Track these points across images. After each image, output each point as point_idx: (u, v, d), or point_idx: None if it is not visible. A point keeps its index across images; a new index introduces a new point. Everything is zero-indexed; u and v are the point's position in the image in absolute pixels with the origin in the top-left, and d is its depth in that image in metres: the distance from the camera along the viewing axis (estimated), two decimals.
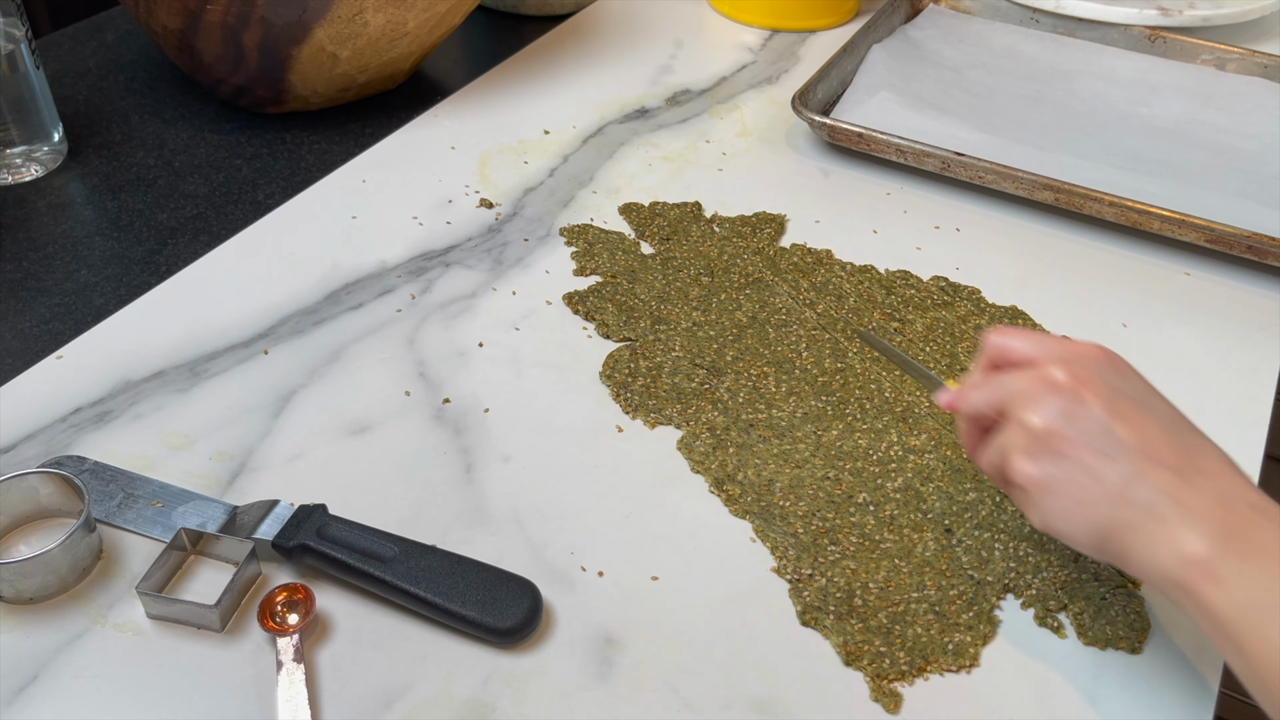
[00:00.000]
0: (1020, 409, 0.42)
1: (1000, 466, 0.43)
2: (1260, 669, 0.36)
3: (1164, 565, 0.39)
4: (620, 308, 0.63)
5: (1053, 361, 0.42)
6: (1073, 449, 0.40)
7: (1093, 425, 0.40)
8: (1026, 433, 0.41)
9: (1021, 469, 0.41)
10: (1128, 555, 0.40)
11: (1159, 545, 0.39)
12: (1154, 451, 0.40)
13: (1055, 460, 0.41)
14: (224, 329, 0.60)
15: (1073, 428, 0.40)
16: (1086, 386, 0.41)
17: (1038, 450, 0.41)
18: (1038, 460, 0.41)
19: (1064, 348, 0.43)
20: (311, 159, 0.77)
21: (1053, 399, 0.41)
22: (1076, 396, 0.41)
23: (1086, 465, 0.40)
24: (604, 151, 0.79)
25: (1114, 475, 0.40)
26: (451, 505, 0.51)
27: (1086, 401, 0.41)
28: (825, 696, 0.44)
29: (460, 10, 0.79)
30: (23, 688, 0.43)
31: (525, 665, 0.45)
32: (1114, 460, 0.40)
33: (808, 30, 0.99)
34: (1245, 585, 0.37)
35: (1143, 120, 0.85)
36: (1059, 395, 0.41)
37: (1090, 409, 0.41)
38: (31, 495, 0.48)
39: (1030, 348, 0.44)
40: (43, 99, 0.71)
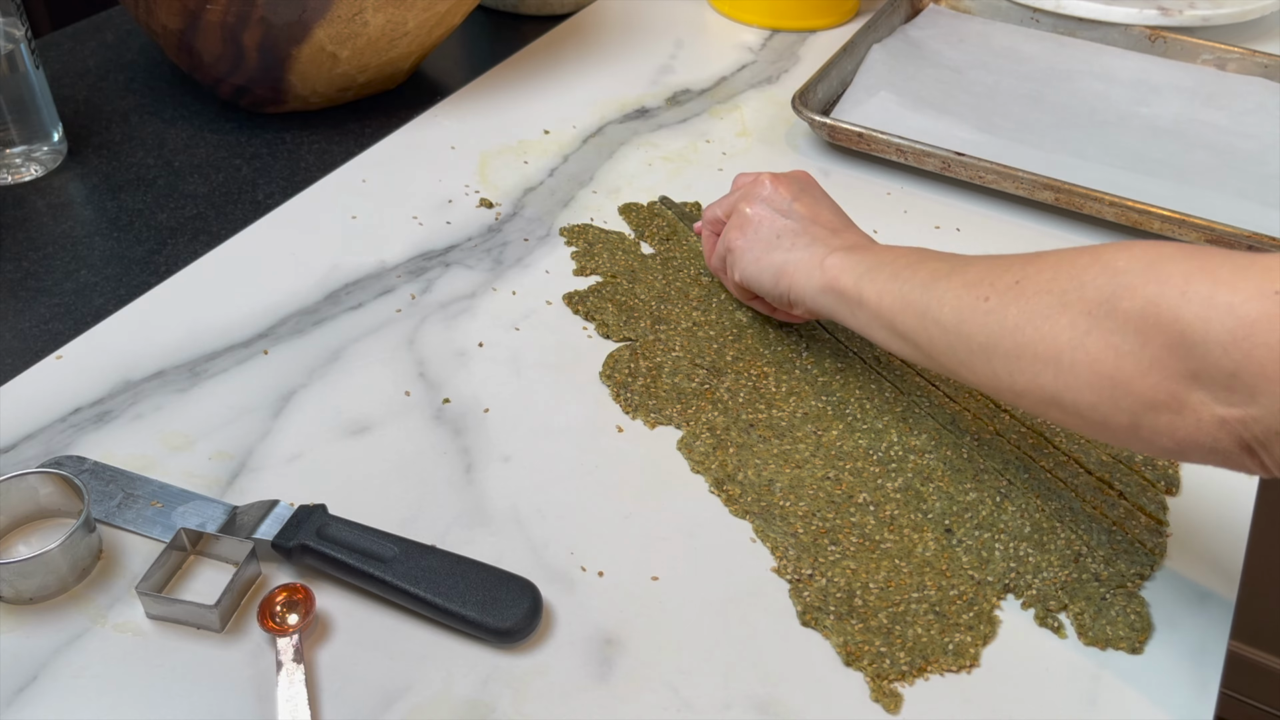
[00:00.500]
0: (739, 203, 0.59)
1: (722, 253, 0.60)
2: (872, 304, 0.50)
3: (814, 281, 0.53)
4: (620, 308, 0.63)
5: (763, 174, 0.59)
6: (765, 221, 0.57)
7: (782, 204, 0.58)
8: (740, 216, 0.59)
9: (733, 240, 0.58)
10: (792, 284, 0.54)
11: (811, 269, 0.54)
12: (818, 219, 0.57)
13: (755, 229, 0.57)
14: (224, 329, 0.60)
15: (768, 206, 0.58)
16: (781, 184, 0.59)
17: (745, 225, 0.58)
18: (744, 231, 0.58)
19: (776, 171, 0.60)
20: (311, 159, 0.77)
21: (760, 191, 0.58)
22: (774, 189, 0.58)
23: (774, 228, 0.57)
24: (604, 151, 0.79)
25: (789, 233, 0.56)
26: (451, 505, 0.51)
27: (780, 191, 0.58)
28: (825, 696, 0.44)
29: (460, 10, 0.79)
30: (22, 688, 0.43)
31: (525, 665, 0.45)
32: (791, 223, 0.57)
33: (808, 30, 0.99)
34: (862, 265, 0.51)
35: (1143, 120, 0.85)
36: (764, 188, 0.58)
37: (782, 194, 0.58)
38: (31, 495, 0.48)
39: (754, 173, 0.61)
40: (42, 99, 0.71)
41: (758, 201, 0.58)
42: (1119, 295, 0.39)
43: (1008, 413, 0.58)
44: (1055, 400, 0.42)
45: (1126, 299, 0.39)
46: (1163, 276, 0.38)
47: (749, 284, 0.58)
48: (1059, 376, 0.41)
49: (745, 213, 0.58)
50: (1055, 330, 0.41)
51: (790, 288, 0.55)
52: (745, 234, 0.58)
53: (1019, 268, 0.44)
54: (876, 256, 0.52)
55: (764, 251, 0.56)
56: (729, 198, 0.61)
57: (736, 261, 0.58)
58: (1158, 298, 0.38)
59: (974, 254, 0.49)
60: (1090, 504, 0.53)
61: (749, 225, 0.58)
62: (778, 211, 0.57)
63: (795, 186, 0.58)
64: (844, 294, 0.51)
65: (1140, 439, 0.40)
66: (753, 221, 0.58)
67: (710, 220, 0.62)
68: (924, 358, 0.48)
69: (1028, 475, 0.54)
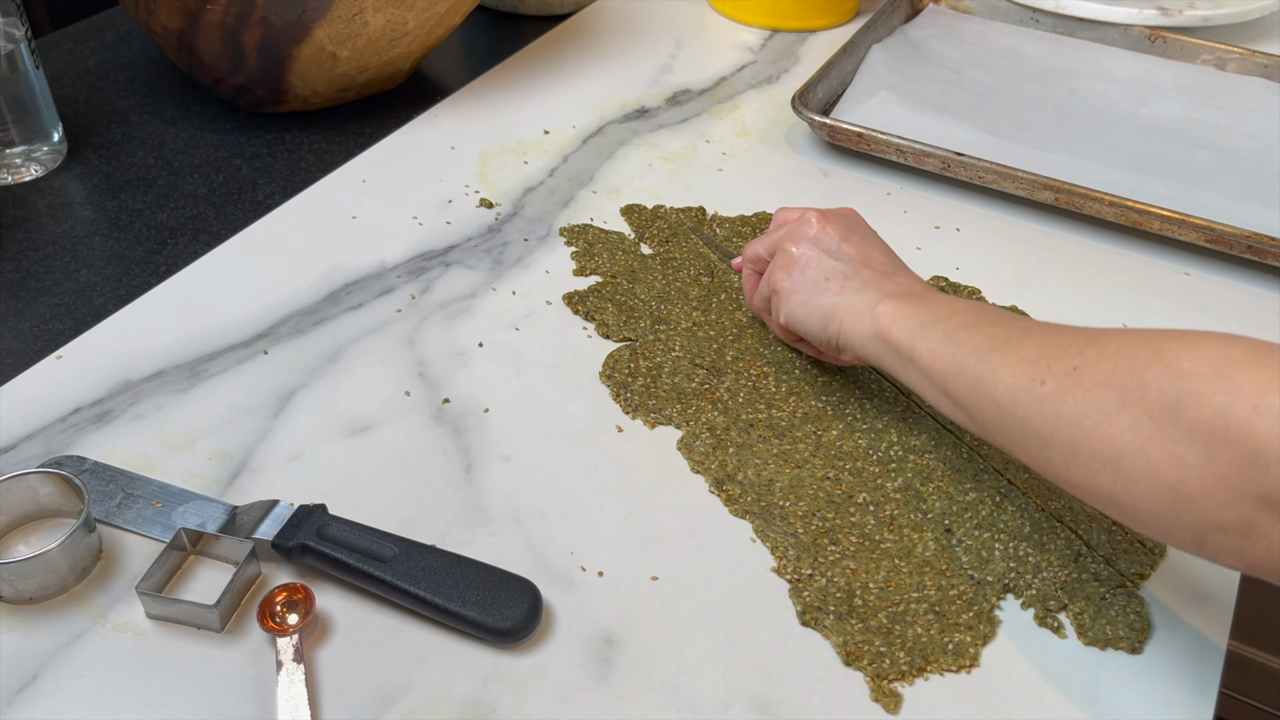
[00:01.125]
0: (783, 241, 0.56)
1: (766, 293, 0.57)
2: (925, 364, 0.48)
3: (865, 328, 0.51)
4: (620, 308, 0.63)
5: (810, 211, 0.56)
6: (813, 262, 0.54)
7: (829, 244, 0.55)
8: (785, 255, 0.56)
9: (778, 280, 0.55)
10: (841, 330, 0.52)
11: (862, 315, 0.51)
12: (869, 261, 0.54)
13: (801, 270, 0.55)
14: (224, 329, 0.60)
15: (815, 247, 0.55)
16: (829, 222, 0.55)
17: (790, 265, 0.55)
18: (790, 272, 0.55)
19: (822, 208, 0.57)
20: (311, 159, 0.77)
21: (806, 230, 0.55)
22: (821, 228, 0.55)
23: (821, 270, 0.54)
24: (604, 151, 0.79)
25: (838, 275, 0.54)
26: (451, 505, 0.51)
27: (827, 230, 0.55)
28: (825, 696, 0.44)
29: (460, 10, 0.79)
30: (22, 688, 0.43)
31: (525, 665, 0.45)
32: (840, 265, 0.54)
33: (808, 30, 0.99)
34: (915, 318, 0.49)
35: (1143, 120, 0.85)
36: (810, 227, 0.55)
37: (829, 234, 0.55)
38: (31, 495, 0.48)
39: (799, 209, 0.58)
40: (42, 99, 0.71)
41: (804, 241, 0.55)
42: (1184, 402, 0.37)
43: None
44: (1113, 501, 0.40)
45: (1193, 407, 0.36)
46: (1233, 385, 0.35)
47: (795, 327, 0.55)
48: (1117, 480, 0.39)
49: (791, 252, 0.55)
50: (1115, 430, 0.39)
51: (839, 333, 0.52)
52: (791, 274, 0.55)
53: (1077, 351, 0.42)
54: (930, 308, 0.49)
55: (812, 294, 0.54)
56: (772, 235, 0.58)
57: (782, 303, 0.55)
58: (1226, 409, 0.35)
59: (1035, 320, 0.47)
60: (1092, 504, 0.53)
61: (795, 265, 0.55)
62: (825, 252, 0.54)
63: (843, 225, 0.55)
64: (895, 346, 0.49)
65: (1205, 554, 0.38)
66: (799, 262, 0.55)
67: (752, 258, 0.59)
68: (977, 428, 0.46)
69: (1028, 475, 0.54)
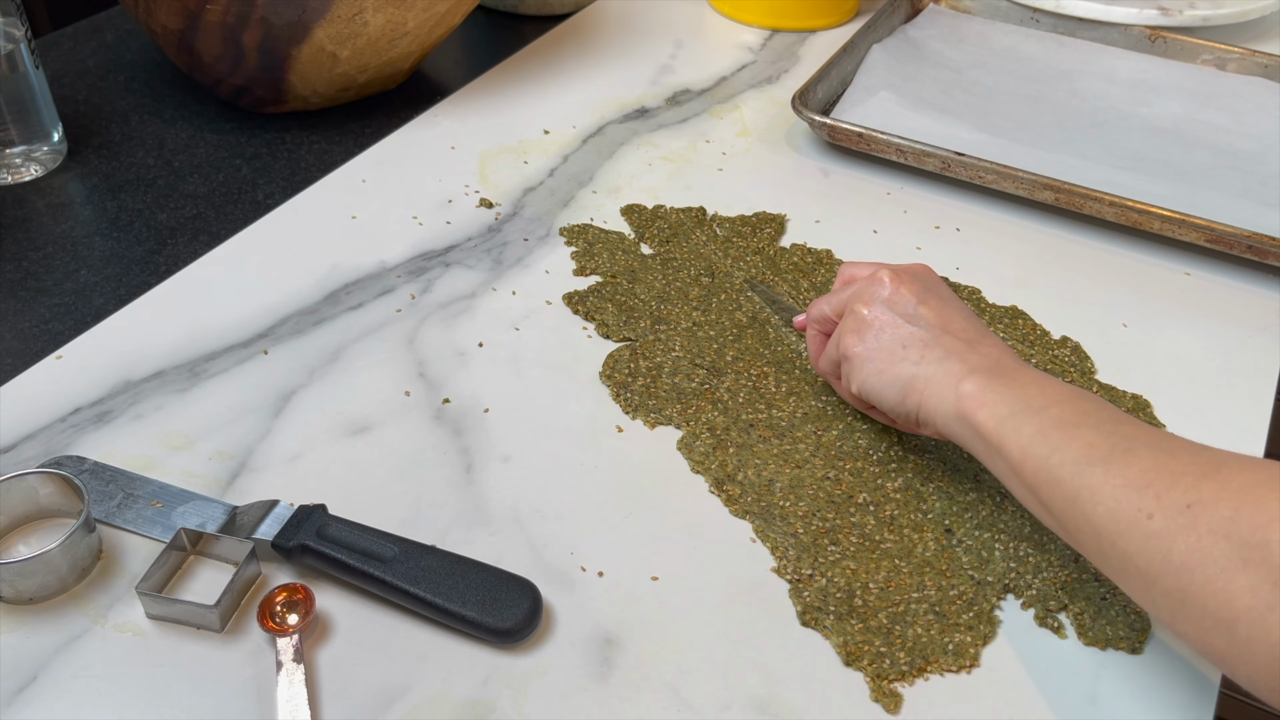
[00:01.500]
0: (853, 303, 0.52)
1: (835, 357, 0.54)
2: (1014, 460, 0.44)
3: (948, 405, 0.47)
4: (620, 308, 0.63)
5: (881, 270, 0.52)
6: (888, 326, 0.51)
7: (904, 307, 0.51)
8: (856, 318, 0.52)
9: (850, 345, 0.52)
10: (921, 403, 0.48)
11: (945, 389, 0.47)
12: (949, 327, 0.50)
13: (875, 335, 0.51)
14: (224, 329, 0.60)
15: (889, 310, 0.51)
16: (903, 283, 0.52)
17: (863, 329, 0.51)
18: (863, 336, 0.51)
19: (893, 264, 0.54)
20: (311, 159, 0.77)
21: (878, 291, 0.52)
22: (895, 289, 0.51)
23: (897, 335, 0.50)
24: (604, 151, 0.79)
25: (916, 342, 0.50)
26: (451, 505, 0.51)
27: (902, 292, 0.51)
28: (825, 696, 0.44)
29: (460, 10, 0.79)
30: (22, 688, 0.43)
31: (525, 665, 0.45)
32: (918, 331, 0.50)
33: (808, 30, 0.99)
34: (1004, 402, 0.45)
35: (1143, 120, 0.85)
36: (882, 288, 0.52)
37: (904, 296, 0.51)
38: (31, 495, 0.48)
39: (868, 266, 0.54)
40: (42, 99, 0.71)
41: (876, 303, 0.51)
42: None
43: None
44: (1227, 664, 0.37)
45: None
46: None
47: (870, 398, 0.51)
48: (1233, 645, 0.36)
49: (862, 315, 0.51)
50: (1232, 591, 0.35)
51: (920, 407, 0.48)
52: (864, 340, 0.51)
53: (1192, 483, 0.38)
54: (1022, 392, 0.45)
55: (888, 363, 0.50)
56: (840, 294, 0.54)
57: (855, 371, 0.51)
58: None
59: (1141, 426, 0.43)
60: None
61: (868, 330, 0.51)
62: (901, 316, 0.50)
63: (919, 286, 0.52)
64: (982, 433, 0.45)
65: None
66: (873, 326, 0.51)
67: (817, 318, 0.55)
68: (1073, 544, 0.43)
69: None
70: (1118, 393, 0.60)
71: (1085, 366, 0.62)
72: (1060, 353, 0.62)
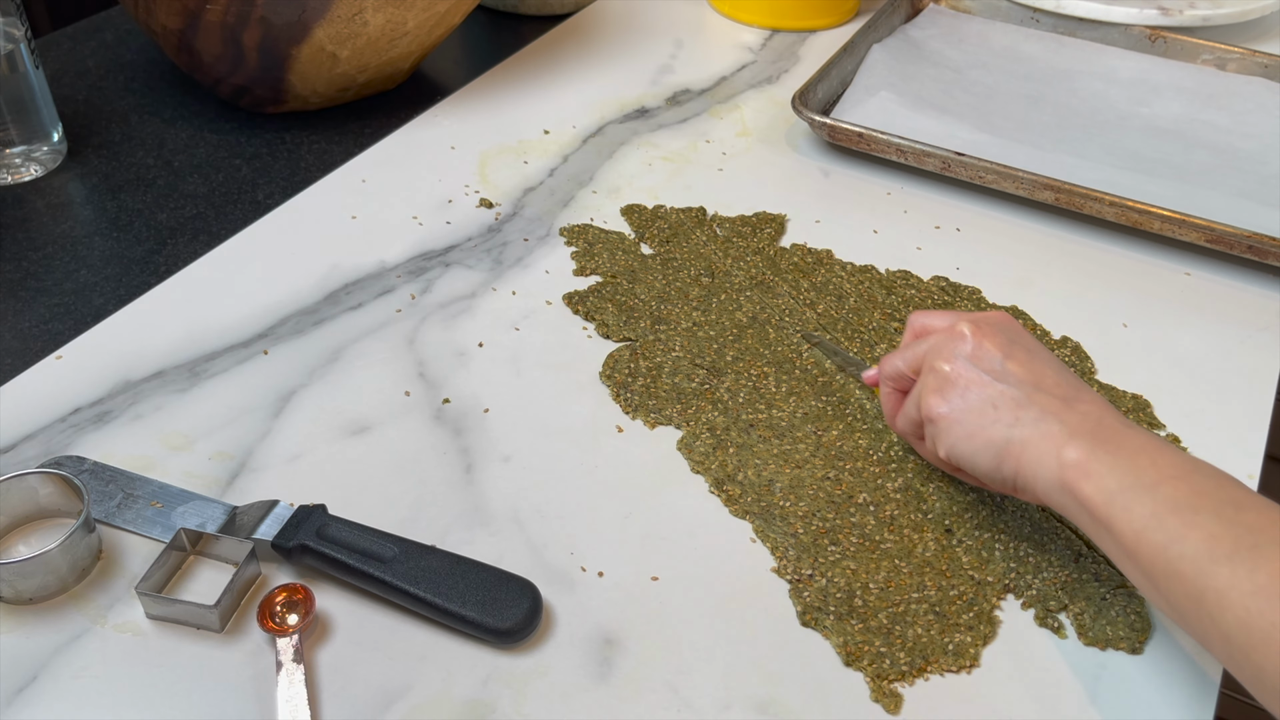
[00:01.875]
0: (933, 359, 0.49)
1: (915, 416, 0.50)
2: (1128, 543, 0.41)
3: (1049, 472, 0.44)
4: (620, 308, 0.63)
5: (960, 321, 0.49)
6: (974, 384, 0.47)
7: (991, 364, 0.47)
8: (938, 376, 0.48)
9: (933, 406, 0.48)
10: (1019, 469, 0.45)
11: (1045, 455, 0.44)
12: (1042, 383, 0.46)
13: (961, 394, 0.47)
14: (224, 329, 0.60)
15: (975, 368, 0.47)
16: (986, 336, 0.48)
17: (946, 388, 0.48)
18: (947, 396, 0.48)
19: (970, 314, 0.50)
20: (311, 159, 0.77)
21: (960, 346, 0.48)
22: (978, 343, 0.48)
23: (985, 395, 0.47)
24: (604, 151, 0.79)
25: (1008, 401, 0.46)
26: (451, 505, 0.51)
27: (986, 346, 0.48)
28: (825, 696, 0.44)
29: (460, 10, 0.79)
30: (22, 688, 0.43)
31: (525, 665, 0.45)
32: (1008, 389, 0.46)
33: (808, 30, 0.99)
34: (1113, 475, 0.42)
35: (1143, 120, 0.85)
36: (964, 343, 0.48)
37: (989, 351, 0.48)
38: (31, 495, 0.48)
39: (945, 318, 0.51)
40: (42, 99, 0.71)
41: (959, 359, 0.48)
42: None
43: None
44: None
45: None
46: None
47: (961, 464, 0.48)
48: None
49: (945, 372, 0.48)
50: None
51: (1017, 473, 0.45)
52: (949, 400, 0.47)
53: None
54: (1130, 462, 0.42)
55: (979, 425, 0.46)
56: (915, 349, 0.50)
57: (942, 435, 0.48)
58: None
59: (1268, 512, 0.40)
60: None
61: (952, 389, 0.47)
62: (988, 373, 0.47)
63: (1003, 338, 0.48)
64: (1089, 507, 0.42)
65: None
66: (957, 385, 0.47)
67: (892, 375, 0.52)
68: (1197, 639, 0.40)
69: None
70: (1118, 393, 0.60)
71: (1085, 366, 0.61)
72: (1060, 353, 0.62)
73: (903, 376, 0.51)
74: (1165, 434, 0.58)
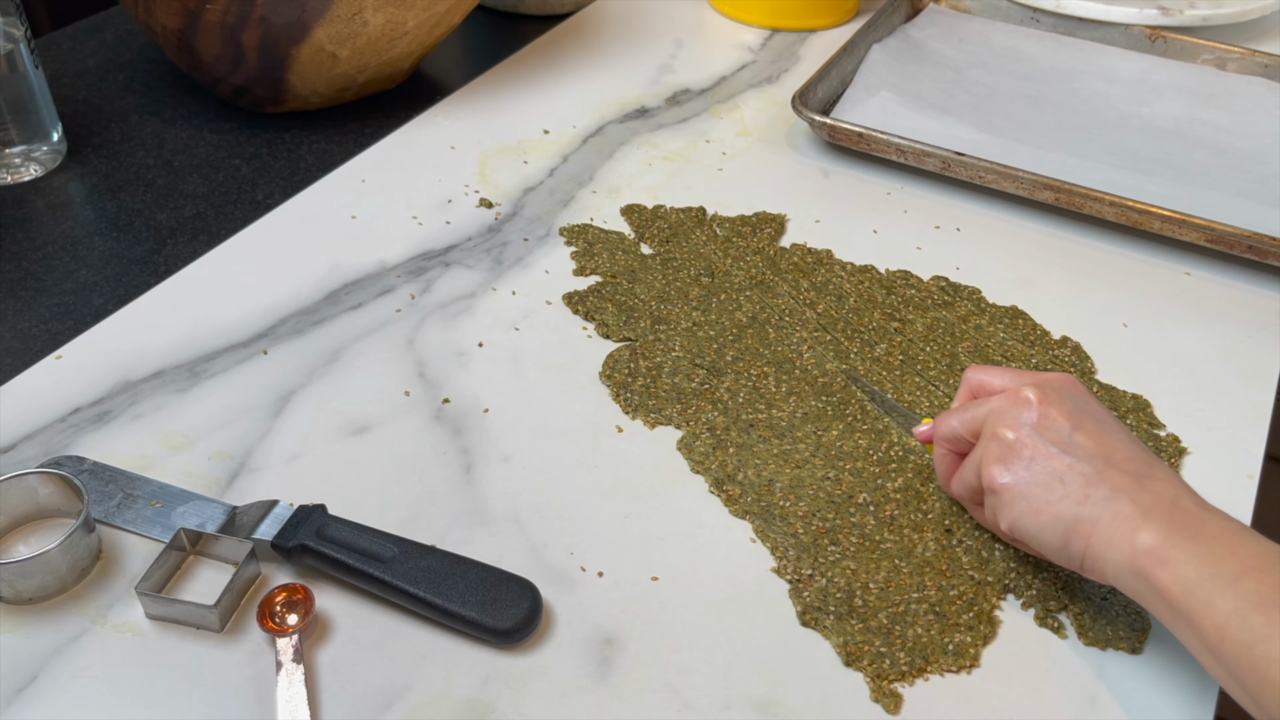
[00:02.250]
0: (995, 425, 0.46)
1: (973, 483, 0.48)
2: (1209, 639, 0.39)
3: (1122, 556, 0.41)
4: (620, 308, 0.63)
5: (1024, 385, 0.47)
6: (1040, 456, 0.45)
7: (1058, 435, 0.45)
8: (1001, 444, 0.46)
9: (996, 476, 0.45)
10: (1088, 550, 0.43)
11: (1117, 537, 0.42)
12: (1112, 458, 0.44)
13: (1027, 466, 0.45)
14: (223, 329, 0.60)
15: (1041, 438, 0.45)
16: (1053, 404, 0.45)
17: (1010, 458, 0.45)
18: (1010, 466, 0.45)
19: (1034, 376, 0.48)
20: (311, 159, 0.77)
21: (1024, 413, 0.46)
22: (1044, 411, 0.45)
23: (1052, 468, 0.44)
24: (604, 151, 0.79)
25: (1076, 476, 0.44)
26: (451, 505, 0.51)
27: (1052, 415, 0.45)
28: (825, 696, 0.44)
29: (460, 10, 0.79)
30: (22, 688, 0.43)
31: (525, 665, 0.45)
32: (1077, 463, 0.44)
33: (808, 30, 0.99)
34: (1191, 564, 0.40)
35: (1143, 120, 0.85)
36: (1029, 410, 0.46)
37: (1056, 421, 0.45)
38: (31, 495, 0.48)
39: (1006, 378, 0.48)
40: (42, 99, 0.71)
41: (1024, 428, 0.45)
42: None
43: None
44: None
45: None
46: None
47: (1025, 540, 0.45)
48: None
49: (1008, 440, 0.45)
50: None
51: (1085, 553, 0.43)
52: (1013, 470, 0.45)
53: None
54: (1209, 549, 0.40)
55: (1045, 500, 0.44)
56: (974, 411, 0.48)
57: (1004, 507, 0.45)
58: None
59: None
60: None
61: (1016, 459, 0.45)
62: (1055, 444, 0.44)
63: (1070, 406, 0.45)
64: (1166, 596, 0.40)
65: None
66: (1021, 455, 0.45)
67: (948, 437, 0.49)
68: None
69: None
70: (1118, 393, 0.60)
71: (1085, 366, 0.61)
72: (1060, 353, 0.62)
73: (960, 439, 0.49)
74: (1165, 434, 0.58)
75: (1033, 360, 0.61)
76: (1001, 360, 0.61)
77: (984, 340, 0.62)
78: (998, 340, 0.63)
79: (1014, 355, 0.62)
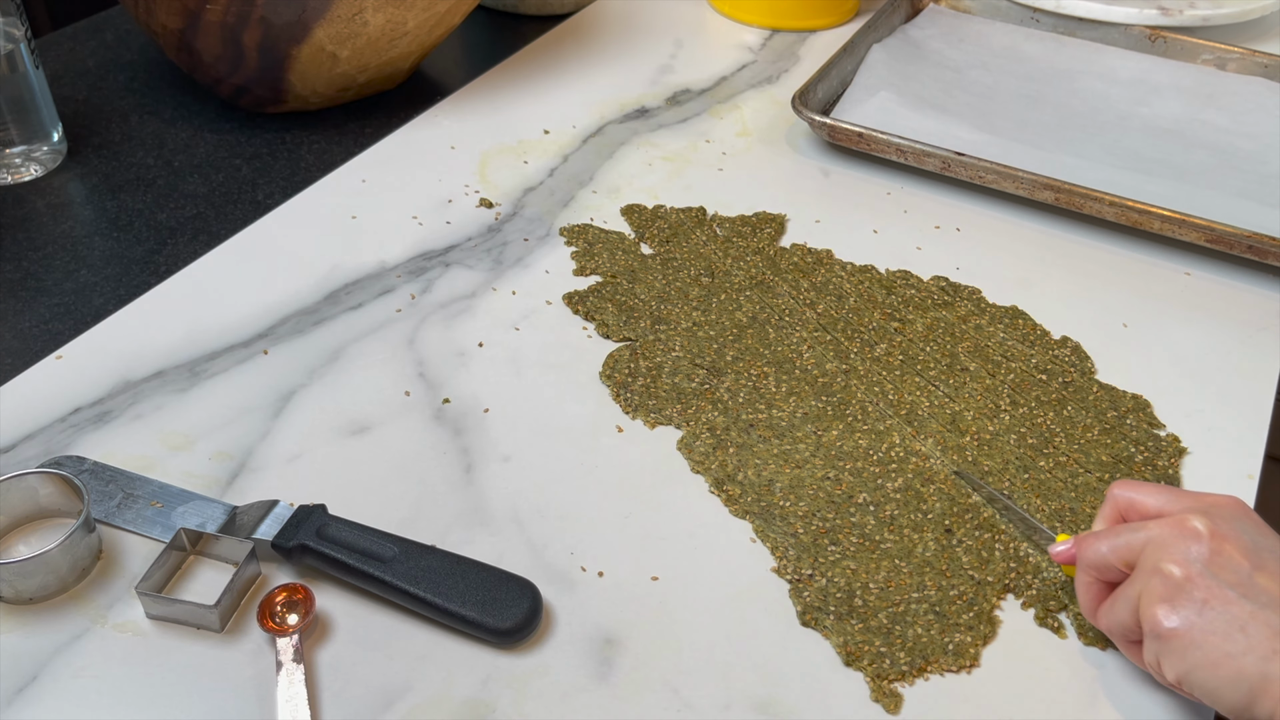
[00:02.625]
0: (1158, 557, 0.40)
1: (1128, 621, 0.42)
2: None
3: None
4: (620, 308, 0.63)
5: (1189, 512, 0.41)
6: (1217, 599, 0.39)
7: (1236, 575, 0.39)
8: (1166, 581, 0.40)
9: (1162, 619, 0.40)
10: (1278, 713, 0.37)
11: None
12: None
13: (1199, 610, 0.39)
14: (224, 329, 0.60)
15: (1215, 577, 0.39)
16: (1226, 537, 0.40)
17: (1180, 599, 0.39)
18: (1180, 609, 0.39)
19: (1197, 499, 0.43)
20: (311, 159, 0.77)
21: (1193, 547, 0.40)
22: (1217, 546, 0.40)
23: (1231, 615, 0.38)
24: (604, 151, 0.79)
25: (1261, 626, 0.38)
26: (451, 505, 0.51)
27: (1227, 551, 0.40)
28: (825, 696, 0.44)
29: (460, 10, 0.79)
30: (22, 688, 0.43)
31: (525, 665, 0.45)
32: (1260, 610, 0.38)
33: (808, 30, 0.99)
34: None
35: (1143, 120, 0.85)
36: (1199, 543, 0.40)
37: (1232, 558, 0.39)
38: (31, 495, 0.48)
39: (1163, 499, 0.43)
40: (42, 99, 0.71)
41: (1193, 563, 0.39)
42: None
43: (1007, 413, 0.58)
44: None
45: None
46: None
47: (1198, 693, 0.40)
48: None
49: (1174, 577, 0.40)
50: None
51: (1276, 716, 0.37)
52: (1182, 614, 0.39)
53: None
54: None
55: (1225, 653, 0.38)
56: (1128, 537, 0.42)
57: (1173, 655, 0.40)
58: None
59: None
60: (1090, 504, 0.53)
61: (1186, 602, 0.39)
62: (1233, 587, 0.39)
63: (1247, 541, 0.40)
64: None
65: None
66: (1193, 597, 0.39)
67: (1096, 564, 0.44)
68: None
69: (1028, 475, 0.54)
70: (1118, 393, 0.60)
71: (1085, 366, 0.62)
72: (1060, 353, 0.62)
73: (1109, 568, 0.43)
74: (1165, 434, 0.58)
75: (1033, 360, 0.61)
76: (1001, 360, 0.61)
77: (984, 340, 0.63)
78: (998, 340, 0.63)
79: (1014, 355, 0.62)
